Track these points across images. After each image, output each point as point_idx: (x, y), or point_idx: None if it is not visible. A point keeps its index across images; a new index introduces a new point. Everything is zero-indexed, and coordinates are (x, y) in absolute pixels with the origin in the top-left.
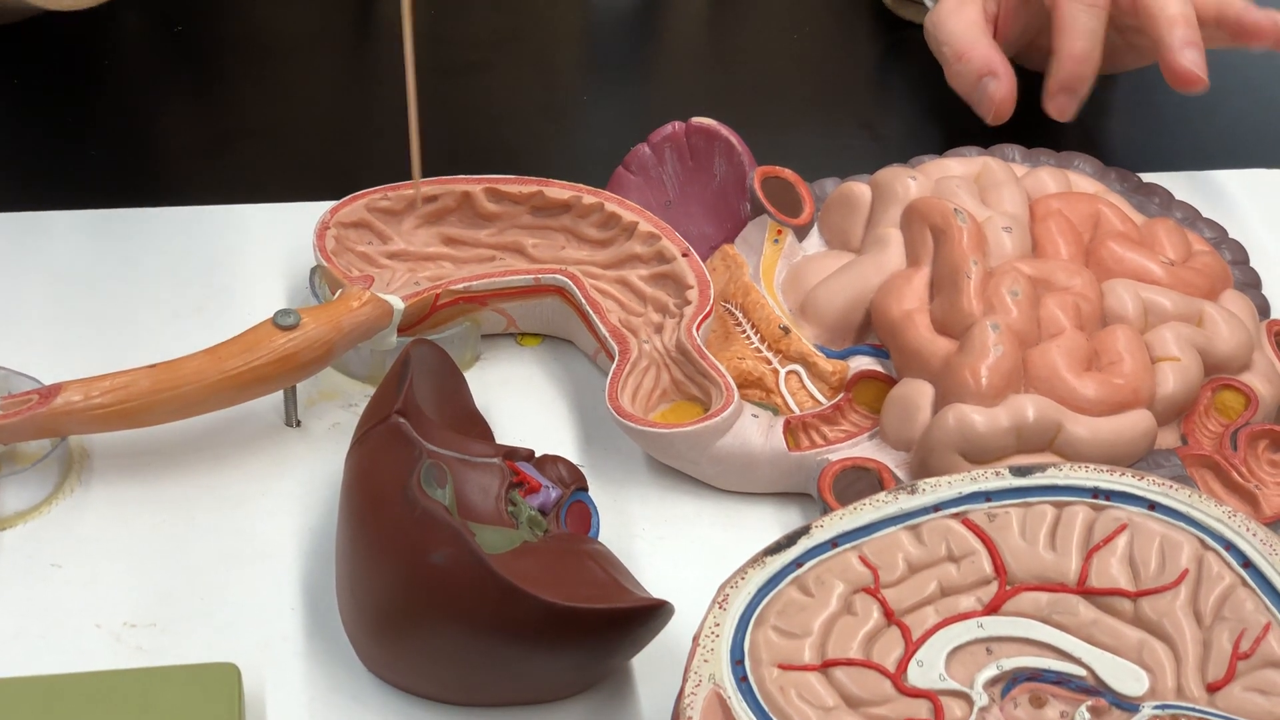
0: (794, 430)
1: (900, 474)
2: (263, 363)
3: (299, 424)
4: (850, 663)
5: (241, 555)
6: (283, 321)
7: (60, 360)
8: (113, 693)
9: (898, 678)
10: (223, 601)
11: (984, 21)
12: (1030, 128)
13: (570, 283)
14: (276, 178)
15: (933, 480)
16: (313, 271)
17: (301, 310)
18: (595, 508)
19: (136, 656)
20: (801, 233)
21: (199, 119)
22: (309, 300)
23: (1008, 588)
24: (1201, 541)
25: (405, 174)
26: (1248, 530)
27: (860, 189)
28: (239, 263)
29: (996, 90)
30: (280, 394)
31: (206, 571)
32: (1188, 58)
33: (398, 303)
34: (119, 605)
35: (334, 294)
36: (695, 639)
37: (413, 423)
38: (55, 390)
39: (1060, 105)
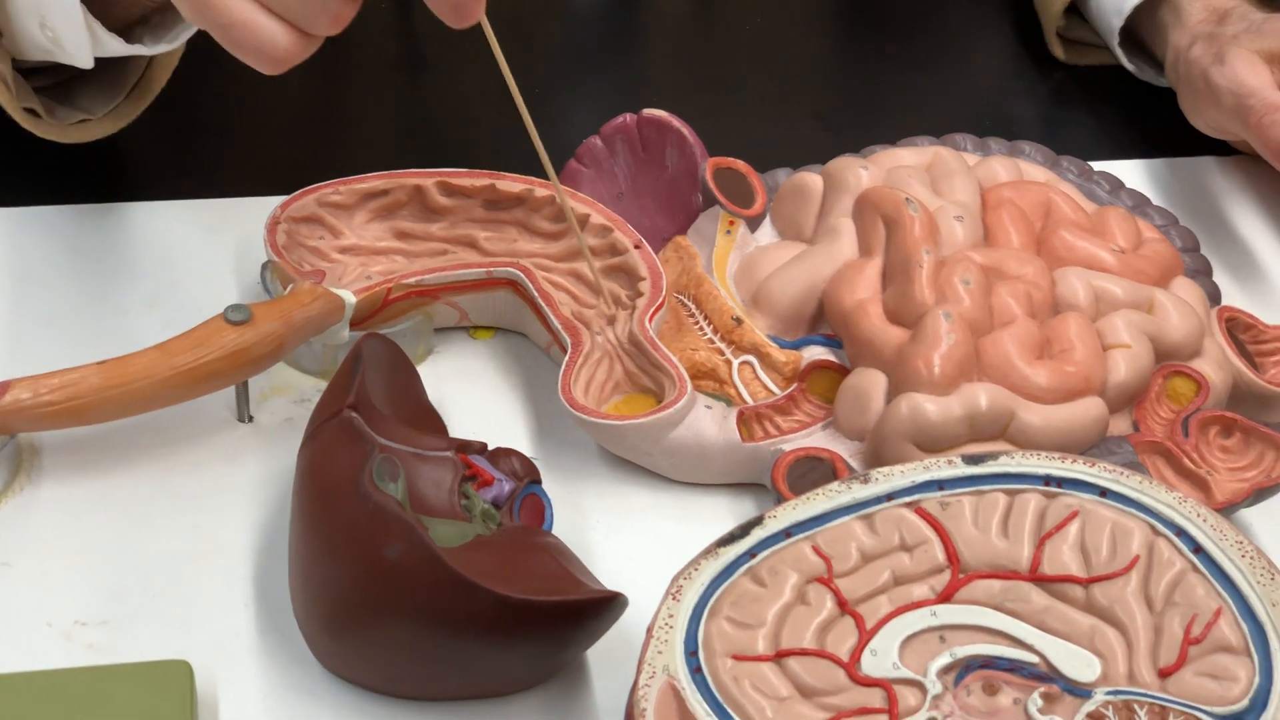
0: (747, 421)
1: (854, 463)
2: (214, 358)
3: (251, 419)
4: (804, 653)
5: (193, 552)
6: (233, 317)
7: (8, 357)
8: (64, 691)
9: (851, 667)
10: (175, 599)
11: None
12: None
13: (522, 275)
14: (227, 172)
15: (885, 469)
16: (264, 267)
17: (253, 305)
18: (549, 500)
19: (88, 655)
20: (754, 223)
21: (149, 115)
22: (261, 296)
23: (960, 576)
24: (1152, 527)
25: (356, 168)
26: (1198, 516)
27: (812, 179)
28: (190, 258)
29: None
30: (232, 389)
31: (158, 569)
32: None
33: (349, 297)
34: (70, 603)
35: (285, 289)
36: (649, 630)
37: (365, 417)
38: (3, 388)
39: None
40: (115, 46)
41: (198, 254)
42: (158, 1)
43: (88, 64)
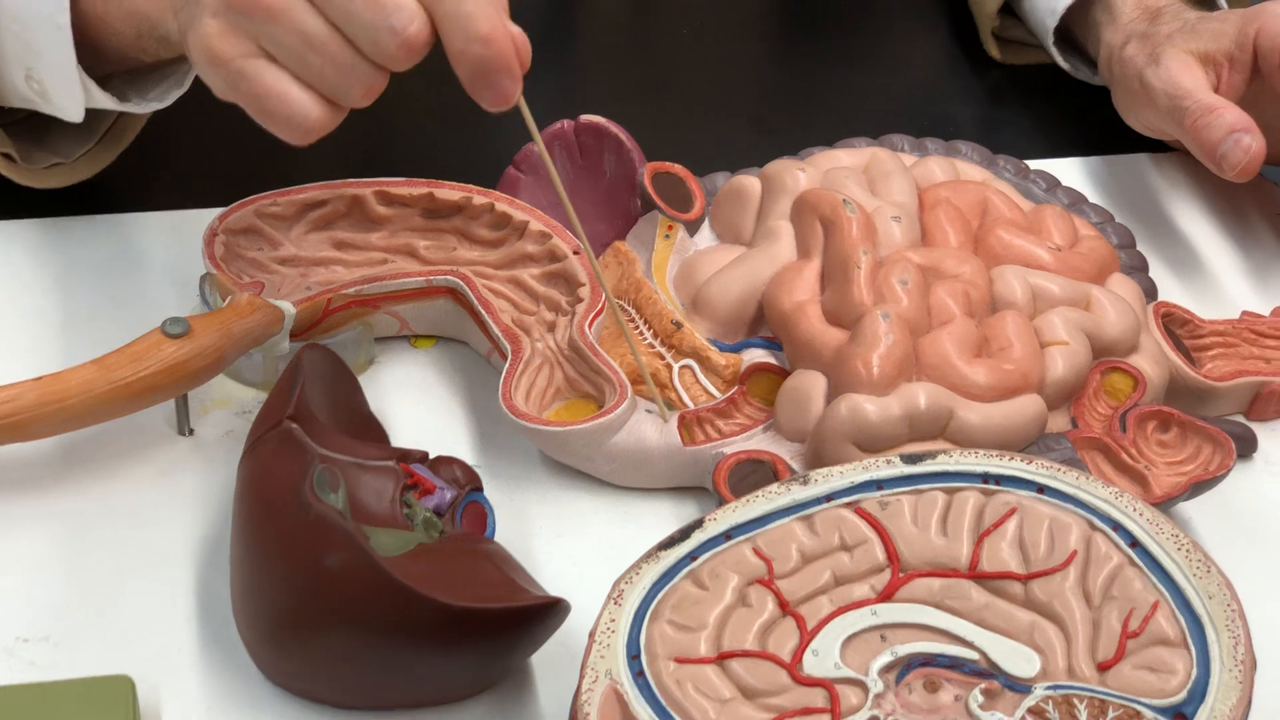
0: (688, 425)
1: (795, 465)
2: (152, 372)
3: (191, 433)
4: (746, 654)
5: (135, 566)
6: (172, 330)
7: None
8: (6, 709)
9: (793, 668)
10: (117, 613)
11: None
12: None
13: (462, 283)
14: (165, 185)
15: (824, 470)
16: (203, 279)
17: (191, 318)
18: (491, 508)
19: (30, 672)
20: (693, 227)
21: None
22: (200, 309)
23: (901, 575)
24: (1090, 523)
25: (294, 179)
26: (1134, 510)
27: (750, 182)
28: (129, 272)
29: (1253, 144)
30: (172, 403)
31: (100, 584)
32: None
33: (289, 308)
34: (11, 620)
35: (224, 301)
36: (591, 635)
37: (305, 428)
38: None
39: None
40: (106, 103)
41: (135, 268)
42: (149, 61)
43: (77, 118)
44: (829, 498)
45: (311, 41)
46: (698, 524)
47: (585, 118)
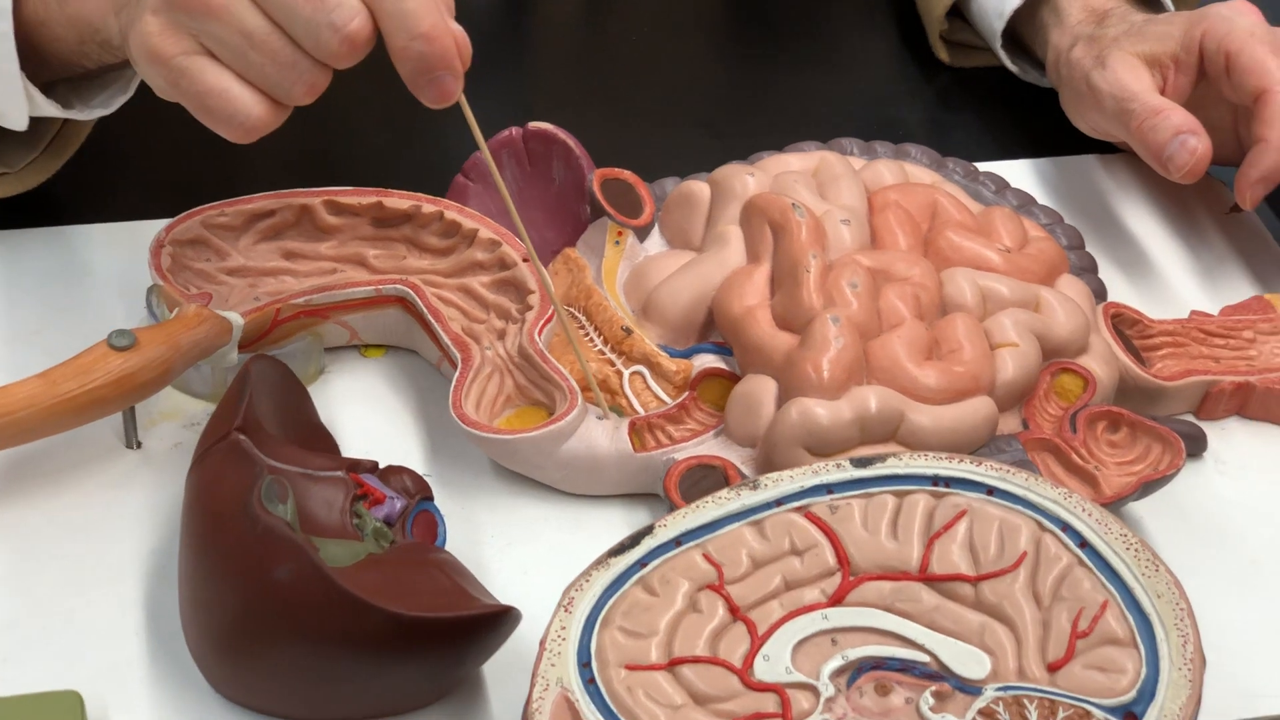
0: (639, 431)
1: (746, 470)
2: (98, 385)
3: (139, 445)
4: (697, 660)
5: (83, 581)
6: (118, 342)
7: None
8: None
9: (745, 673)
10: (65, 628)
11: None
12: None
13: (411, 292)
14: (111, 197)
15: (774, 475)
16: (150, 291)
17: (138, 330)
18: (441, 517)
19: None
20: (642, 233)
21: None
22: (148, 320)
23: (851, 578)
24: (1039, 524)
25: (242, 189)
26: (1084, 511)
27: (699, 187)
28: (75, 284)
29: (1199, 145)
30: (119, 415)
31: (47, 598)
32: None
33: (237, 319)
34: None
35: (172, 313)
36: (542, 643)
37: (253, 439)
38: None
39: (1256, 195)
40: (50, 111)
41: (81, 280)
42: (92, 67)
43: (21, 127)
44: (779, 502)
45: (252, 38)
46: (648, 530)
47: (533, 124)
